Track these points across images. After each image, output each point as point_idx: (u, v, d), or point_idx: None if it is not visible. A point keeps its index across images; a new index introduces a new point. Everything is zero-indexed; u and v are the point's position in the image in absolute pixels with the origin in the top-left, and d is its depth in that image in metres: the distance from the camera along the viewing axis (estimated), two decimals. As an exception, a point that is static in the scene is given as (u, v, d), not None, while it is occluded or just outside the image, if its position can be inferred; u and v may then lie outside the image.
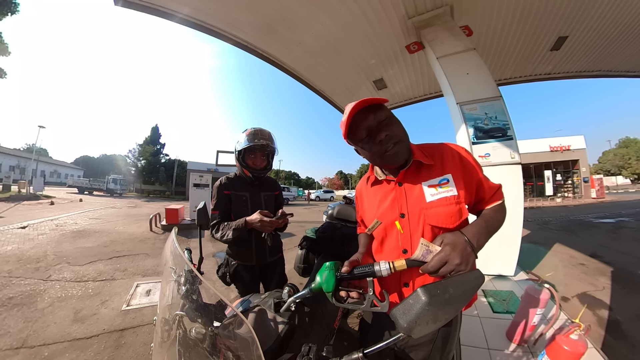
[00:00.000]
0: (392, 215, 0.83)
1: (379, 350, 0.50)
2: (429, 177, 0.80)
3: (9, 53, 15.77)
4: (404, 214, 0.81)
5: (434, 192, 0.78)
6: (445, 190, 0.78)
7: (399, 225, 0.81)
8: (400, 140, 0.77)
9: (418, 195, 0.80)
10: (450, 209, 0.76)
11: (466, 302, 0.47)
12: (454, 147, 0.85)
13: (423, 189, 0.79)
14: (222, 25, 3.93)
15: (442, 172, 0.80)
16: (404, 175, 0.82)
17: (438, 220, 0.76)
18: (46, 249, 4.76)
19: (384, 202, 0.87)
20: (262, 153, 1.51)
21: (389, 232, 0.85)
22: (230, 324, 0.66)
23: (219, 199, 1.49)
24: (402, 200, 0.82)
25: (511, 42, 4.54)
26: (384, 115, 0.76)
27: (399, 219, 0.82)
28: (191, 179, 8.26)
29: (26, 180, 20.56)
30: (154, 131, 34.01)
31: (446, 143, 0.87)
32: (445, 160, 0.82)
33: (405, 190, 0.82)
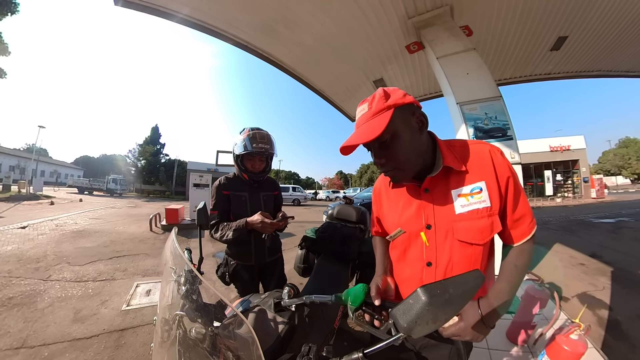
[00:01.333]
0: (417, 225, 0.76)
1: (379, 350, 0.50)
2: (460, 185, 0.71)
3: (9, 53, 15.78)
4: (431, 225, 0.73)
5: (465, 202, 0.70)
6: (478, 200, 0.69)
7: (425, 237, 0.75)
8: (398, 169, 0.70)
9: (447, 205, 0.71)
10: (481, 223, 0.69)
11: (466, 302, 0.47)
12: (490, 149, 0.73)
13: (452, 198, 0.71)
14: (222, 25, 3.93)
15: (474, 178, 0.70)
16: (431, 182, 0.73)
17: (468, 236, 0.69)
18: (46, 249, 4.76)
19: (408, 208, 0.79)
20: (261, 157, 1.49)
21: (412, 242, 0.78)
22: (230, 324, 0.66)
23: (218, 199, 1.49)
24: (429, 210, 0.74)
25: (511, 42, 4.54)
26: (388, 135, 0.66)
27: (425, 230, 0.74)
28: (191, 179, 8.25)
29: (26, 180, 20.56)
30: (154, 131, 34.02)
31: (481, 142, 0.75)
32: (479, 164, 0.71)
33: (433, 197, 0.74)
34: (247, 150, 1.40)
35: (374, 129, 0.63)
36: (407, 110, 0.67)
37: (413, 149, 0.69)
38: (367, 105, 0.68)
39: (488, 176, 0.69)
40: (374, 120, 0.65)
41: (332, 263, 1.70)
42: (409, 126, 0.68)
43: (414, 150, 0.69)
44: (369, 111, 0.67)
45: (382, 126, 0.63)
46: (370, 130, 0.64)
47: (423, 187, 0.74)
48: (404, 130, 0.67)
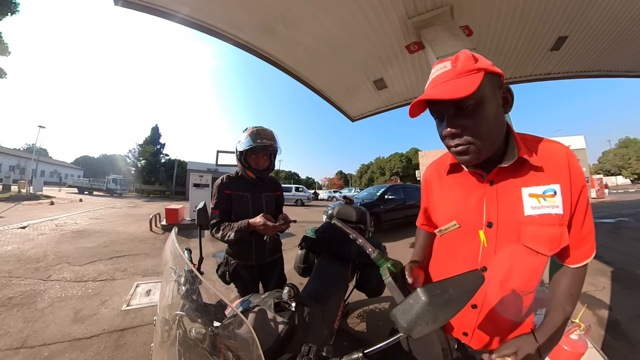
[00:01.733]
0: (475, 221, 0.66)
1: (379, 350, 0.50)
2: (532, 183, 0.61)
3: (9, 53, 15.78)
4: (493, 223, 0.64)
5: (536, 204, 0.60)
6: (550, 204, 0.59)
7: (484, 236, 0.65)
8: (473, 143, 0.58)
9: (515, 203, 0.62)
10: (553, 232, 0.59)
11: (466, 302, 0.47)
12: (568, 151, 0.62)
13: (522, 196, 0.61)
14: (222, 25, 3.93)
15: (548, 179, 0.60)
16: (499, 173, 0.64)
17: (535, 243, 0.60)
18: (46, 249, 4.75)
19: (465, 200, 0.69)
20: (265, 153, 1.49)
21: (467, 241, 0.69)
22: (230, 324, 0.66)
23: (220, 198, 1.48)
24: (492, 206, 0.64)
25: (511, 42, 4.54)
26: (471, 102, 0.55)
27: (485, 229, 0.65)
28: (191, 179, 8.25)
29: (26, 180, 20.56)
30: (154, 131, 34.07)
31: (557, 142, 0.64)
32: (555, 164, 0.61)
33: (498, 192, 0.64)
34: (251, 145, 1.40)
35: (462, 87, 0.53)
36: (495, 80, 0.58)
37: (496, 124, 0.58)
38: (451, 64, 0.58)
39: (563, 180, 0.60)
40: (460, 79, 0.55)
41: (332, 263, 1.70)
42: (495, 98, 0.58)
43: (496, 127, 0.59)
44: (453, 70, 0.56)
45: (473, 86, 0.52)
46: (457, 88, 0.54)
47: (488, 179, 0.65)
48: (491, 101, 0.57)
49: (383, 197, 7.70)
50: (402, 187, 8.84)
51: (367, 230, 2.13)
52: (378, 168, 57.82)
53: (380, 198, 7.68)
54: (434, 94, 0.57)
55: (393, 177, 52.19)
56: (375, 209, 7.11)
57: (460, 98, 0.54)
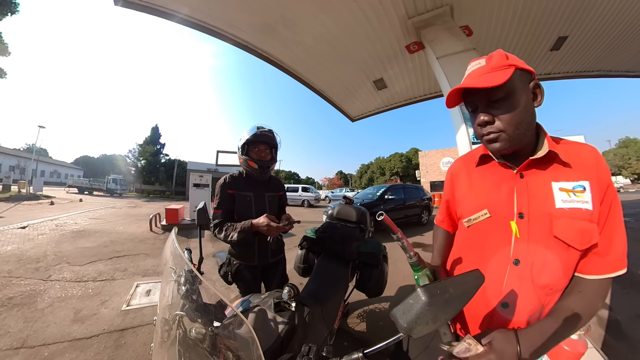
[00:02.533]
0: (506, 211, 0.66)
1: (379, 350, 0.50)
2: (562, 178, 0.62)
3: (9, 53, 15.79)
4: (524, 214, 0.64)
5: (566, 197, 0.61)
6: (580, 200, 0.60)
7: (516, 227, 0.64)
8: (504, 132, 0.61)
9: (545, 195, 0.62)
10: (583, 226, 0.59)
11: (466, 302, 0.47)
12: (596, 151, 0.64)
13: (553, 189, 0.62)
14: (222, 25, 3.94)
15: (577, 175, 0.61)
16: (529, 166, 0.65)
17: (567, 235, 0.60)
18: (46, 249, 4.75)
19: (496, 191, 0.69)
20: (266, 146, 1.50)
21: (498, 231, 0.67)
22: (230, 324, 0.66)
23: (222, 197, 1.47)
24: (523, 196, 0.64)
25: (511, 42, 4.55)
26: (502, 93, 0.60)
27: (517, 219, 0.64)
28: (191, 179, 8.25)
29: (26, 180, 20.57)
30: (154, 131, 34.07)
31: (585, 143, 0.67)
32: (583, 161, 0.62)
33: (529, 184, 0.65)
34: (254, 132, 1.45)
35: (494, 78, 0.58)
36: (525, 76, 0.62)
37: (525, 116, 0.61)
38: (485, 61, 0.63)
39: (592, 178, 0.60)
40: (493, 73, 0.60)
41: (332, 263, 1.70)
42: (525, 92, 0.61)
43: (525, 118, 0.61)
44: (487, 65, 0.62)
45: (503, 78, 0.57)
46: (490, 79, 0.58)
47: (518, 171, 0.66)
48: (521, 94, 0.60)
49: (383, 197, 7.70)
50: (402, 187, 8.83)
51: (367, 230, 2.14)
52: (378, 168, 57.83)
53: (380, 198, 7.68)
54: (469, 84, 0.62)
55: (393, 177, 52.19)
56: (375, 209, 7.11)
57: (491, 87, 0.58)
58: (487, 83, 0.58)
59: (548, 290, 0.64)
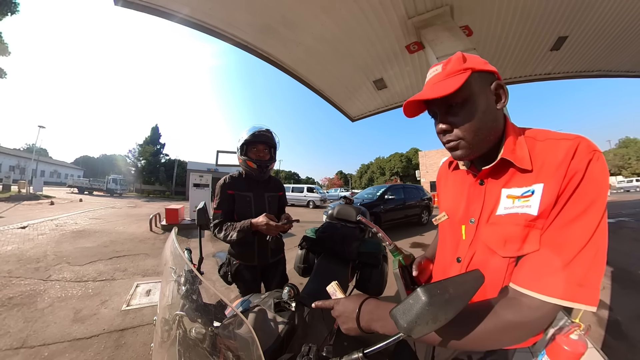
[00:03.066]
0: (461, 216, 0.70)
1: (379, 350, 0.50)
2: (515, 184, 0.59)
3: (9, 53, 15.80)
4: (474, 220, 0.66)
5: (509, 204, 0.59)
6: (523, 204, 0.56)
7: (464, 230, 0.69)
8: (462, 139, 0.60)
9: (494, 203, 0.62)
10: (511, 231, 0.57)
11: (466, 302, 0.47)
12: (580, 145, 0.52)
13: (501, 196, 0.61)
14: (222, 25, 3.93)
15: (536, 179, 0.55)
16: (488, 173, 0.65)
17: (492, 241, 0.61)
18: (46, 249, 4.76)
19: (459, 196, 0.73)
20: (264, 146, 1.51)
21: (453, 232, 0.73)
22: (230, 324, 0.66)
23: (222, 198, 1.48)
24: (477, 204, 0.66)
25: (511, 42, 4.55)
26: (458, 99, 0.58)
27: (467, 224, 0.68)
28: (191, 179, 8.26)
29: (26, 180, 20.57)
30: (154, 131, 34.09)
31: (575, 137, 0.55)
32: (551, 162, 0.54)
33: (486, 192, 0.65)
34: (252, 132, 1.47)
35: (446, 86, 0.56)
36: (485, 78, 0.59)
37: (485, 120, 0.59)
38: (442, 67, 0.61)
39: (553, 179, 0.52)
40: (447, 80, 0.58)
41: (332, 263, 1.70)
42: (485, 95, 0.59)
43: (486, 123, 0.59)
44: (443, 72, 0.60)
45: (455, 85, 0.55)
46: (441, 88, 0.57)
47: (478, 178, 0.67)
48: (479, 98, 0.58)
49: (383, 197, 7.70)
50: (402, 187, 8.84)
51: (367, 230, 2.14)
52: (378, 168, 57.85)
53: (380, 198, 7.68)
54: (420, 95, 0.61)
55: (393, 177, 52.21)
56: (375, 209, 7.12)
57: (441, 97, 0.56)
58: (438, 93, 0.56)
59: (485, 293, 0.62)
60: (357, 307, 0.60)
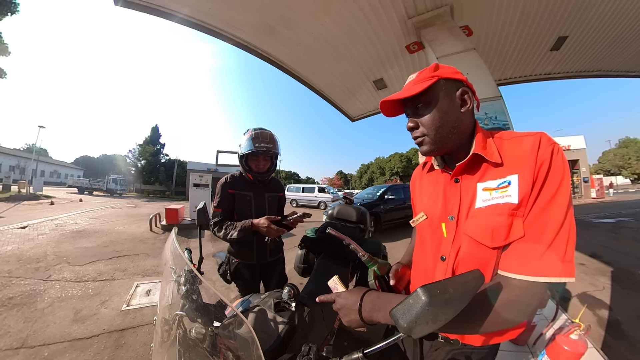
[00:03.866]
0: (440, 214, 0.73)
1: (379, 350, 0.50)
2: (488, 178, 0.64)
3: (9, 53, 15.79)
4: (454, 217, 0.69)
5: (487, 197, 0.63)
6: (502, 195, 0.60)
7: (445, 228, 0.71)
8: (426, 136, 0.67)
9: (471, 197, 0.66)
10: (497, 222, 0.59)
11: (466, 302, 0.47)
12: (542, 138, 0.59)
13: (477, 190, 0.65)
14: (222, 25, 3.94)
15: (507, 171, 0.60)
16: (462, 171, 0.69)
17: (477, 233, 0.62)
18: (46, 249, 4.76)
19: (435, 196, 0.76)
20: (265, 157, 1.50)
21: (433, 232, 0.75)
22: (230, 324, 0.66)
23: (223, 197, 1.49)
24: (454, 201, 0.70)
25: (511, 42, 4.55)
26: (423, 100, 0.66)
27: (447, 221, 0.71)
28: (191, 179, 8.25)
29: (26, 180, 20.56)
30: (154, 131, 34.05)
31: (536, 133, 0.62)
32: (520, 155, 0.60)
33: (462, 188, 0.69)
34: (251, 150, 1.41)
35: (413, 89, 0.64)
36: (452, 84, 0.67)
37: (447, 120, 0.65)
38: (416, 74, 0.70)
39: (525, 169, 0.57)
40: (417, 84, 0.65)
41: (332, 263, 1.70)
42: (449, 98, 0.65)
43: (448, 122, 0.65)
44: (416, 78, 0.68)
45: (420, 88, 0.63)
46: (410, 90, 0.65)
47: (453, 176, 0.71)
48: (443, 100, 0.65)
49: (383, 197, 7.70)
50: (402, 187, 8.83)
51: (367, 230, 2.14)
52: (378, 168, 57.82)
53: (380, 198, 7.68)
54: (392, 96, 0.69)
55: (393, 177, 52.18)
56: (375, 209, 7.11)
57: (407, 97, 0.66)
58: (406, 94, 0.65)
59: None
60: (359, 298, 0.62)
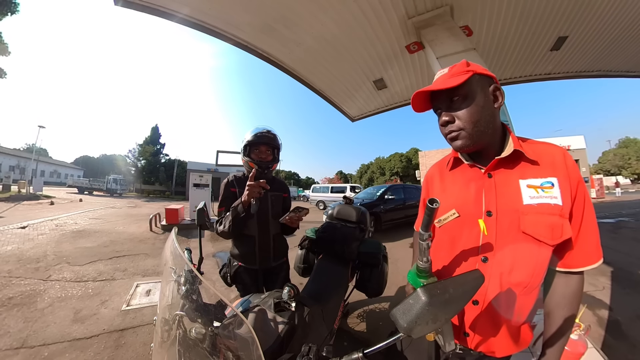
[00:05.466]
0: (475, 210, 0.68)
1: (379, 350, 0.50)
2: (530, 175, 0.64)
3: (9, 53, 15.78)
4: (492, 212, 0.65)
5: (534, 194, 0.62)
6: (549, 195, 0.61)
7: (483, 224, 0.66)
8: (463, 129, 0.65)
9: (513, 193, 0.64)
10: (553, 220, 0.60)
11: (466, 302, 0.47)
12: (564, 151, 0.66)
13: (520, 187, 0.64)
14: (222, 25, 3.93)
15: (545, 172, 0.63)
16: (497, 166, 0.67)
17: (536, 230, 0.61)
18: (46, 249, 4.75)
19: (465, 191, 0.71)
20: (267, 147, 1.52)
21: (466, 230, 0.69)
22: (230, 324, 0.66)
23: (225, 195, 1.50)
24: (490, 195, 0.66)
25: (511, 42, 4.54)
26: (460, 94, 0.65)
27: (485, 217, 0.66)
28: (191, 179, 8.25)
29: (26, 180, 20.55)
30: (154, 131, 34.04)
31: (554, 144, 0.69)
32: (551, 160, 0.65)
33: (497, 183, 0.67)
34: (255, 133, 1.47)
35: (450, 82, 0.63)
36: (485, 80, 0.67)
37: (484, 114, 0.65)
38: (448, 69, 0.69)
39: (560, 174, 0.63)
40: (453, 78, 0.64)
41: (332, 263, 1.70)
42: (484, 93, 0.66)
43: (484, 117, 0.65)
44: (448, 72, 0.67)
45: (459, 80, 0.62)
46: (446, 82, 0.64)
47: (486, 171, 0.68)
48: (479, 95, 0.65)
49: (383, 197, 7.70)
50: (402, 187, 8.84)
51: (367, 230, 2.14)
52: (378, 168, 57.76)
53: (380, 198, 7.67)
54: (429, 87, 0.67)
55: (393, 177, 52.15)
56: (375, 209, 7.11)
57: (448, 88, 0.64)
58: (444, 85, 0.64)
59: (522, 289, 0.65)
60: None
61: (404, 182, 29.51)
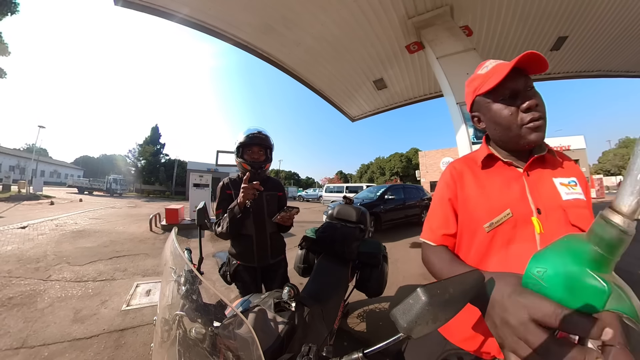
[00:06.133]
0: (525, 208, 0.65)
1: (379, 350, 0.50)
2: (559, 174, 0.69)
3: (9, 53, 15.80)
4: (540, 209, 0.64)
5: (567, 190, 0.66)
6: (577, 192, 0.67)
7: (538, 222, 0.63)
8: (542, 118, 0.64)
9: (550, 190, 0.66)
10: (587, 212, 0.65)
11: (466, 301, 0.47)
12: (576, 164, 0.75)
13: (555, 184, 0.67)
14: (222, 25, 3.94)
15: (568, 172, 0.70)
16: (532, 165, 0.68)
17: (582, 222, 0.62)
18: (46, 249, 4.75)
19: (508, 190, 0.68)
20: (259, 148, 1.55)
21: (521, 230, 0.65)
22: (230, 324, 0.66)
23: (222, 198, 1.54)
24: (535, 193, 0.66)
25: (511, 42, 4.55)
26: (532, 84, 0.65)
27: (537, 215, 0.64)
28: (191, 179, 8.25)
29: (26, 180, 20.56)
30: (154, 131, 34.07)
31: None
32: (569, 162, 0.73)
33: (534, 182, 0.68)
34: (247, 135, 1.50)
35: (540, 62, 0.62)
36: None
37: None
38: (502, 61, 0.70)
39: (577, 174, 0.70)
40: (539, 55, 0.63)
41: (332, 263, 1.70)
42: None
43: None
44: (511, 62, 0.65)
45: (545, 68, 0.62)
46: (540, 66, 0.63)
47: (525, 169, 0.68)
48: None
49: (383, 197, 7.70)
50: (402, 187, 8.83)
51: (367, 230, 2.14)
52: (378, 168, 57.81)
53: (380, 198, 7.67)
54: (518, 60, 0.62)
55: (393, 177, 52.18)
56: (375, 209, 7.11)
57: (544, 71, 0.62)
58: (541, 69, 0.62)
59: None
60: None
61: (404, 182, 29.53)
